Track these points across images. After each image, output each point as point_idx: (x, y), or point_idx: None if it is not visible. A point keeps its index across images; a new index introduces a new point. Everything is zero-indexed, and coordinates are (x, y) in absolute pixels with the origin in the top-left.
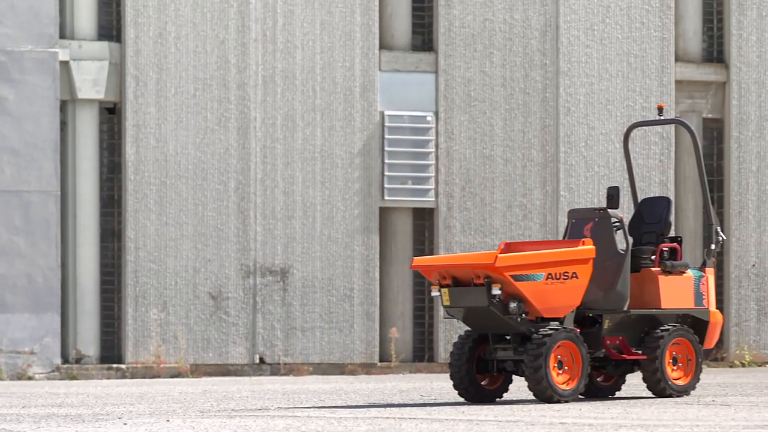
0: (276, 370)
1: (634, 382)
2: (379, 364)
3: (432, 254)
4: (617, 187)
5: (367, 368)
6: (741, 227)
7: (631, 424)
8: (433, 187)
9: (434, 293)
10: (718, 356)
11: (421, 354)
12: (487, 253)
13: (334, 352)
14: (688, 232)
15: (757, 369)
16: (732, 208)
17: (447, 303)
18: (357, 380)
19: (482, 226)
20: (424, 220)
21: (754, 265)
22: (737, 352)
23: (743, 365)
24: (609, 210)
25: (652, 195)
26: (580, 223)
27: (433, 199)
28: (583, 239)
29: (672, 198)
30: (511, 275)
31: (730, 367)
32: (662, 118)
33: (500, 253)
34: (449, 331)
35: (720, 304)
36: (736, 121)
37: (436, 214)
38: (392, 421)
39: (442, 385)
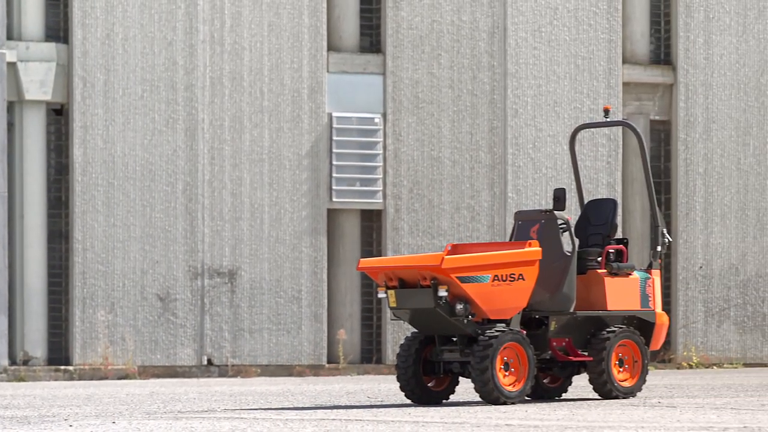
0: (224, 371)
1: (581, 383)
2: (327, 365)
3: (380, 256)
4: (564, 189)
5: (315, 370)
6: (688, 229)
7: (577, 426)
8: (381, 188)
9: (381, 295)
10: (665, 358)
11: (369, 356)
12: (434, 254)
13: (282, 354)
14: (635, 234)
15: (705, 370)
16: (679, 210)
17: (393, 305)
18: (305, 382)
19: (430, 228)
20: (371, 221)
21: (701, 267)
22: (685, 353)
23: (691, 367)
24: (555, 212)
25: (599, 197)
26: (527, 225)
27: (381, 200)
28: (529, 241)
29: (619, 200)
30: (457, 277)
31: (678, 368)
32: (608, 120)
33: (447, 255)
34: (397, 333)
35: (667, 306)
36: (683, 123)
37: (383, 216)
38: (338, 423)
39: (389, 386)
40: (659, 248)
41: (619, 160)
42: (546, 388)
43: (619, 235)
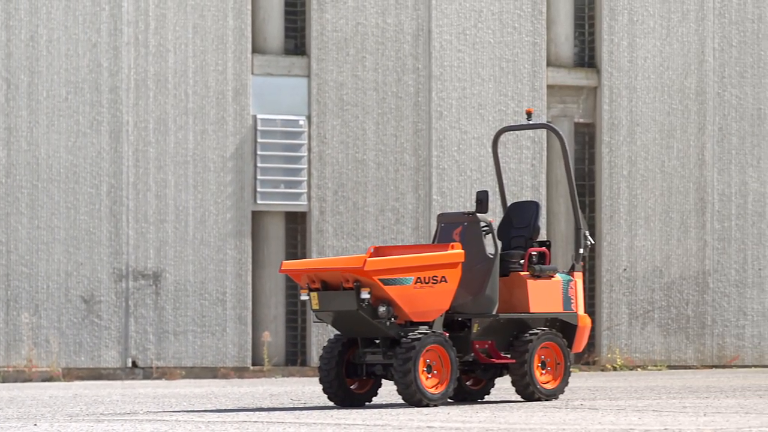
0: (149, 373)
1: (504, 386)
2: (251, 367)
3: (305, 258)
4: (486, 191)
5: (240, 372)
6: (612, 231)
7: (498, 428)
8: (306, 191)
9: (303, 297)
10: (589, 360)
11: (294, 358)
12: (356, 257)
13: (207, 356)
14: (559, 236)
15: (629, 373)
16: (603, 212)
17: (316, 307)
18: (229, 384)
19: (355, 230)
20: (296, 223)
21: (625, 270)
22: (609, 355)
23: (615, 369)
24: (478, 214)
25: (523, 199)
26: (450, 228)
27: (306, 203)
28: (452, 243)
29: (544, 202)
30: (380, 279)
31: (602, 370)
32: (531, 122)
33: (369, 257)
34: (322, 335)
35: (592, 308)
36: (607, 126)
37: (308, 218)
38: (260, 425)
39: (313, 389)
40: (581, 251)
41: (544, 162)
42: (469, 390)
43: (542, 237)
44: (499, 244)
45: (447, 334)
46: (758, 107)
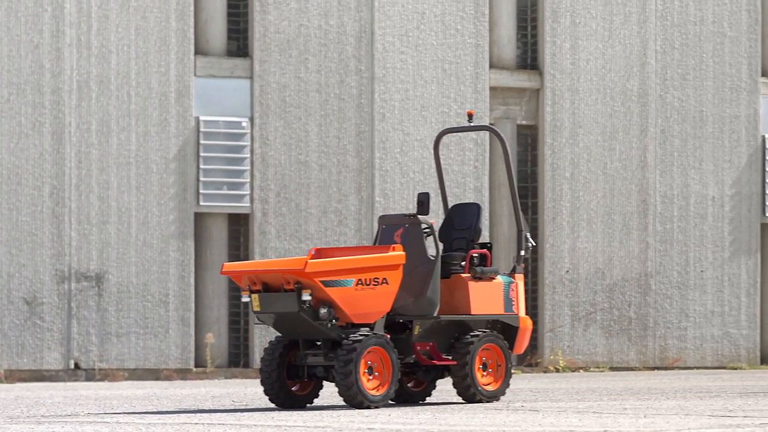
0: (91, 375)
1: (445, 387)
2: (194, 369)
3: (248, 260)
4: (427, 193)
5: (183, 374)
6: (555, 233)
7: (439, 430)
8: (249, 192)
9: (244, 299)
10: (532, 362)
11: (237, 359)
12: (297, 258)
13: (150, 358)
14: (502, 238)
15: (571, 374)
16: (546, 214)
17: (257, 309)
18: (172, 386)
19: (297, 232)
20: (239, 225)
21: (567, 271)
22: (551, 357)
23: (557, 371)
24: (419, 216)
25: (465, 201)
26: (391, 229)
27: (249, 204)
28: (393, 245)
29: (486, 204)
30: (321, 281)
31: (545, 372)
32: (472, 124)
33: (310, 259)
34: (265, 337)
35: (534, 310)
36: (549, 128)
37: (251, 220)
38: (201, 426)
39: (255, 390)
40: (523, 253)
41: (487, 164)
42: (410, 392)
43: (484, 239)
44: (441, 245)
45: (388, 336)
46: (700, 109)
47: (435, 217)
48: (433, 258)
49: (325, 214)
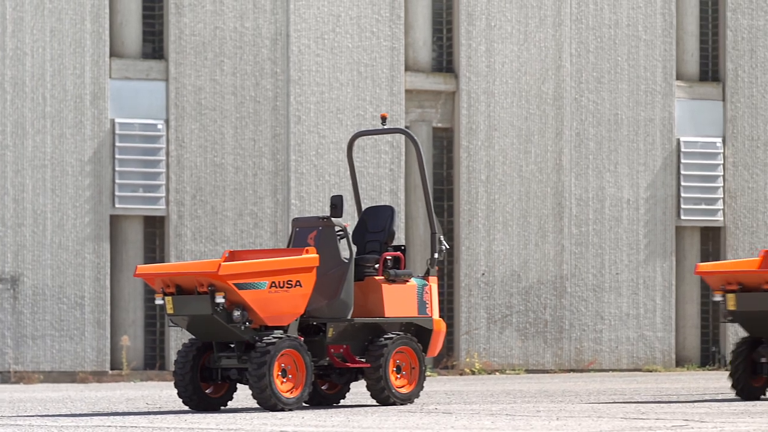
0: (6, 378)
1: (359, 390)
2: (110, 372)
3: (163, 262)
4: (341, 196)
5: (99, 376)
6: (471, 236)
7: None
8: (164, 195)
9: (158, 302)
10: (448, 364)
11: (153, 362)
12: (211, 261)
13: (65, 360)
14: (418, 241)
15: (487, 377)
16: (462, 217)
17: (171, 311)
18: (87, 388)
19: (213, 235)
20: (155, 227)
21: (483, 274)
22: (467, 360)
23: (473, 373)
24: (332, 218)
25: (381, 204)
26: (304, 232)
27: (164, 207)
28: (306, 248)
29: (402, 206)
30: (234, 284)
31: (460, 375)
32: (386, 127)
33: (224, 262)
34: (181, 339)
35: (450, 313)
36: (465, 131)
37: (167, 222)
38: (114, 429)
39: (170, 393)
40: (437, 255)
41: (402, 167)
42: (324, 394)
43: (398, 242)
44: (354, 248)
45: (302, 339)
46: (615, 112)
47: (349, 220)
48: (346, 260)
49: (241, 217)
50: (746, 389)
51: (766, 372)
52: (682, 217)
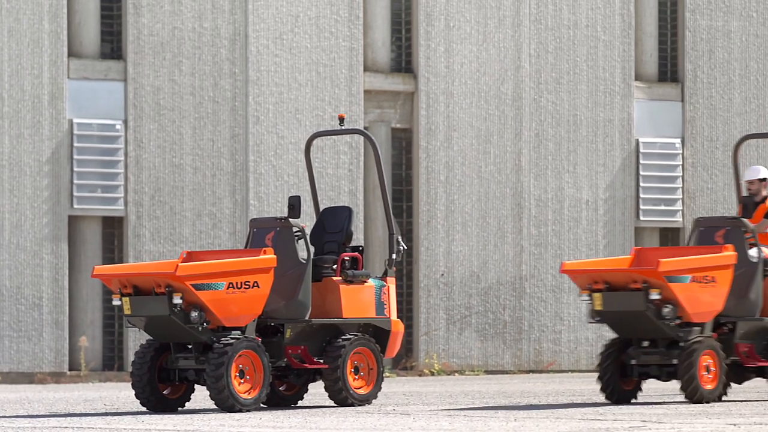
0: None
1: (318, 391)
2: (68, 373)
3: (122, 263)
4: (298, 196)
5: (57, 377)
6: (430, 237)
7: None
8: (123, 195)
9: (115, 302)
10: (407, 365)
11: (111, 362)
12: (168, 262)
13: (23, 361)
14: (377, 241)
15: (446, 378)
16: (421, 217)
17: (128, 312)
18: (45, 389)
19: (172, 235)
20: (113, 228)
21: (442, 275)
22: (426, 360)
23: (432, 374)
24: (290, 219)
25: (339, 204)
26: (262, 233)
27: (123, 207)
28: (264, 248)
29: (361, 207)
30: (191, 284)
31: (420, 376)
32: (344, 128)
33: (181, 262)
34: (139, 340)
35: (409, 313)
36: (424, 131)
37: (125, 223)
38: (71, 430)
39: (128, 394)
40: (394, 256)
41: (361, 167)
42: (282, 395)
43: (357, 242)
44: (312, 249)
45: (260, 339)
46: (574, 113)
47: (307, 221)
48: (304, 261)
49: (200, 217)
50: (616, 393)
51: (637, 375)
52: (641, 218)
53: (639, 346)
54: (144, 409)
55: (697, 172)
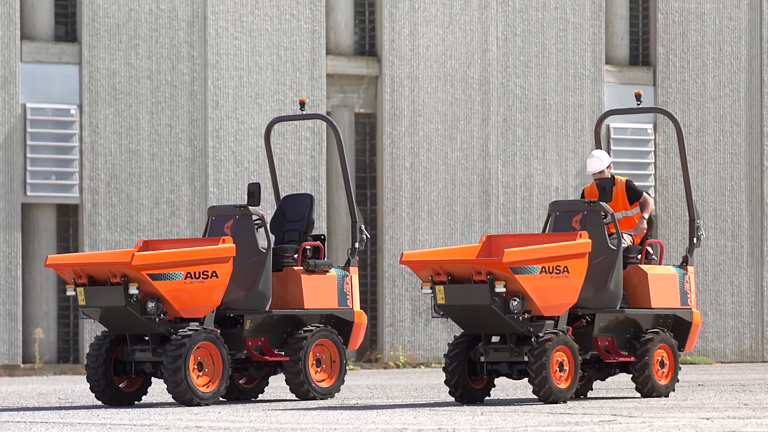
0: None
1: (279, 384)
2: (22, 365)
3: (77, 252)
4: (258, 183)
5: (10, 370)
6: (394, 225)
7: (269, 428)
8: (78, 182)
9: (69, 293)
10: (371, 357)
11: (67, 355)
12: (124, 251)
13: None
14: (340, 230)
15: (412, 370)
16: (385, 205)
17: (83, 303)
18: None
19: (129, 223)
20: (68, 216)
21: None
22: (392, 353)
23: (398, 366)
24: (250, 207)
25: (301, 192)
26: (221, 221)
27: (78, 194)
28: (222, 237)
29: (323, 194)
30: (148, 274)
31: (384, 368)
32: (305, 113)
33: (138, 252)
34: (95, 332)
35: (374, 304)
36: (388, 116)
37: (81, 211)
38: (23, 425)
39: (83, 387)
40: (357, 245)
41: (324, 154)
42: (242, 388)
43: (319, 231)
44: (272, 237)
45: (218, 331)
46: (543, 98)
47: (267, 209)
48: (264, 250)
49: (157, 205)
50: (466, 392)
51: (488, 372)
52: None
53: (488, 342)
54: (99, 402)
55: (669, 158)
